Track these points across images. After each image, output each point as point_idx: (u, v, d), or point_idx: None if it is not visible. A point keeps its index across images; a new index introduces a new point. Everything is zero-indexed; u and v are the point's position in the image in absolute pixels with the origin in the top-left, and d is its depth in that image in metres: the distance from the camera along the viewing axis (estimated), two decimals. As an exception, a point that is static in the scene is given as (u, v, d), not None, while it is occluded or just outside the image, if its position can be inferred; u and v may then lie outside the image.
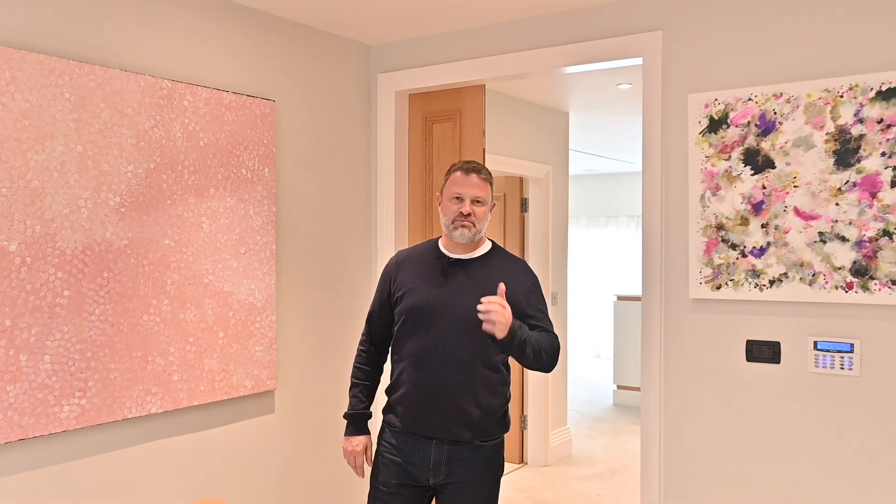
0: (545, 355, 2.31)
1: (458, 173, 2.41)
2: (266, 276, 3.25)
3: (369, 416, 2.58)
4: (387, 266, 2.58)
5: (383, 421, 2.53)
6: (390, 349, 2.54)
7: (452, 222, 2.39)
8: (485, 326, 2.18)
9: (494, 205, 2.51)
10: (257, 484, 3.26)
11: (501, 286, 2.25)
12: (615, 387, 7.45)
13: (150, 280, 2.81)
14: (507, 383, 2.46)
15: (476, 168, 2.41)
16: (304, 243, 3.48)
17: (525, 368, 3.77)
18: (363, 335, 2.62)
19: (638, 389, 7.12)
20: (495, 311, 2.16)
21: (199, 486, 3.02)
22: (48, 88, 2.51)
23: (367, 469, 2.57)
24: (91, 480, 2.67)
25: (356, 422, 2.56)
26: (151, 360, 2.82)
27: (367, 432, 2.57)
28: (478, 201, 2.39)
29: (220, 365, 3.06)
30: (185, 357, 2.93)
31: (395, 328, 2.47)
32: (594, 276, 10.19)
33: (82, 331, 2.61)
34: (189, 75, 2.98)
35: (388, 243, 3.74)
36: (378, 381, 2.62)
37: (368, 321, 2.61)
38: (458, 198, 2.38)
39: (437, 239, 2.53)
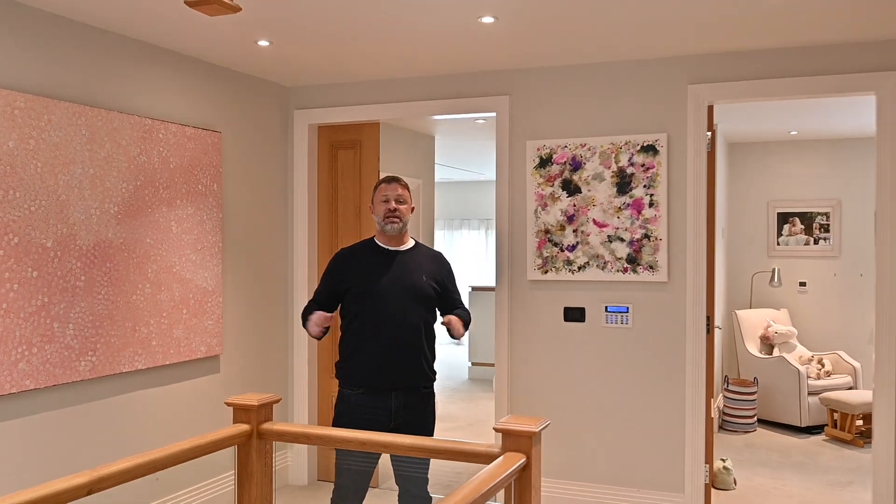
0: (468, 328, 3.20)
1: (383, 184, 3.15)
2: (215, 266, 4.24)
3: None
4: (337, 260, 3.21)
5: (343, 393, 3.08)
6: (346, 326, 3.12)
7: (384, 219, 3.08)
8: (453, 334, 3.04)
9: (413, 208, 3.20)
10: (210, 425, 4.24)
11: (449, 318, 3.07)
12: (470, 363, 8.79)
13: (137, 269, 3.75)
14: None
15: (396, 178, 3.17)
16: (242, 242, 4.49)
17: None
18: (309, 303, 3.22)
19: (488, 365, 8.51)
20: (455, 329, 3.04)
21: (172, 427, 3.98)
22: (71, 127, 3.41)
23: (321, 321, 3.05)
24: (100, 418, 3.59)
25: (311, 309, 3.16)
26: (138, 329, 3.76)
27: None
28: (400, 200, 3.09)
29: (183, 334, 4.03)
30: (160, 327, 3.88)
31: (353, 307, 3.06)
32: (450, 272, 11.49)
33: (93, 306, 3.52)
34: (163, 114, 3.93)
35: (303, 241, 4.81)
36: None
37: (316, 299, 3.21)
38: (385, 200, 3.09)
39: (372, 238, 3.21)
